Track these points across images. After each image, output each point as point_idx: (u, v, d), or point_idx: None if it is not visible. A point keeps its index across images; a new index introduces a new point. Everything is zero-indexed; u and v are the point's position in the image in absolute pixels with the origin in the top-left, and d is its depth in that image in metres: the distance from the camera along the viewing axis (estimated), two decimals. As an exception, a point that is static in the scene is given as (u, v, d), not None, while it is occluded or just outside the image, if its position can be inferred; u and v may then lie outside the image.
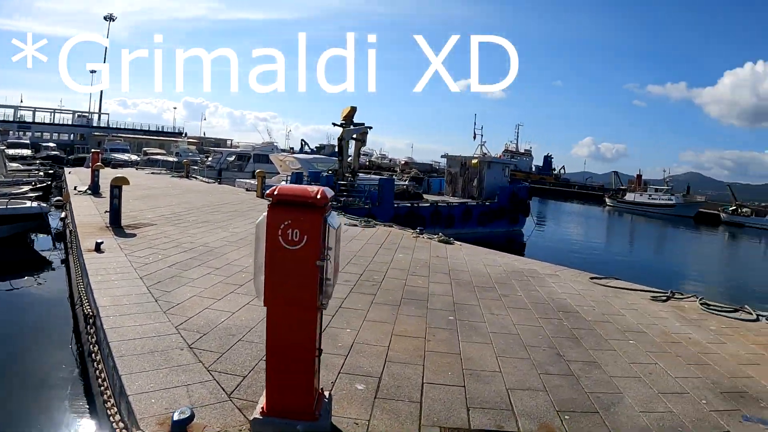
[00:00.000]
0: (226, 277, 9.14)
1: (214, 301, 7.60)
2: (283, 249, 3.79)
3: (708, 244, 53.72)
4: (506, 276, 10.73)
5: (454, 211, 31.33)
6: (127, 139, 77.96)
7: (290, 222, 3.77)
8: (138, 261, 9.81)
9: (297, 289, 3.87)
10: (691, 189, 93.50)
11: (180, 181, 32.83)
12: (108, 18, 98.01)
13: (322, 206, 3.82)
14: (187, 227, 14.30)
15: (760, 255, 49.56)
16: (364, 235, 14.86)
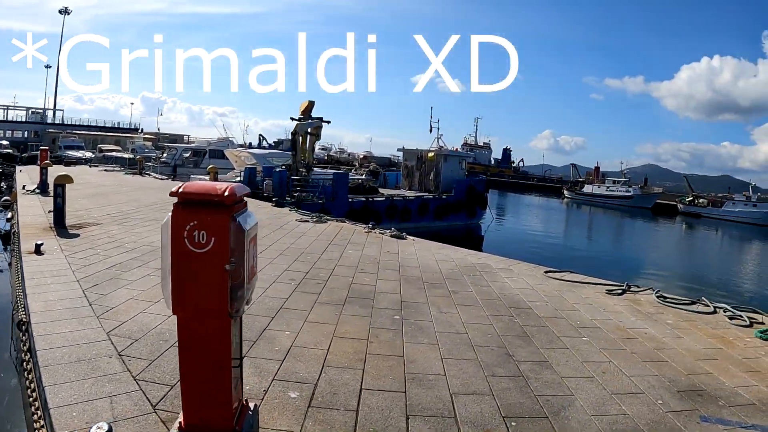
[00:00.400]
0: None
1: (150, 304, 7.14)
2: (189, 252, 3.39)
3: (665, 235, 54.38)
4: (458, 271, 10.40)
5: (410, 204, 31.10)
6: (82, 135, 76.54)
7: (196, 223, 3.38)
8: (77, 263, 9.31)
9: (205, 296, 3.46)
10: (648, 181, 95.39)
11: (133, 178, 32.03)
12: (63, 12, 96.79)
13: (231, 205, 3.43)
14: (133, 226, 13.74)
15: (716, 245, 50.38)
16: (314, 231, 14.44)
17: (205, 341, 3.55)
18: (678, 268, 31.27)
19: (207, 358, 3.58)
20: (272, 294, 7.95)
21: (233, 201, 3.44)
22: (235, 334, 3.75)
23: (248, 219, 3.72)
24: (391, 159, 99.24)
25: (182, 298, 3.49)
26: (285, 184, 25.37)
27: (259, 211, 17.90)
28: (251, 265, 3.80)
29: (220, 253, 3.37)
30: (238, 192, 3.52)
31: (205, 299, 3.47)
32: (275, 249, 11.47)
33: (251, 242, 3.74)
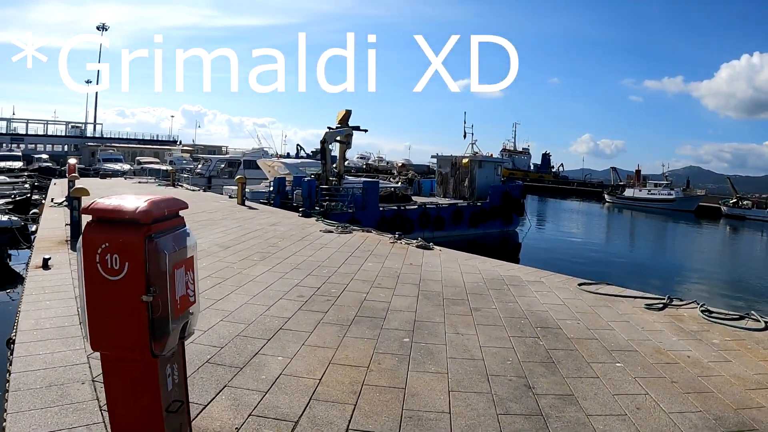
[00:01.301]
0: None
1: None
2: (103, 280, 2.76)
3: (709, 240, 52.71)
4: (483, 285, 9.65)
5: (443, 212, 30.32)
6: (121, 148, 77.74)
7: (107, 245, 2.74)
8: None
9: (122, 332, 2.84)
10: (690, 183, 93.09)
11: (165, 189, 31.85)
12: (101, 28, 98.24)
13: (147, 223, 2.80)
14: None
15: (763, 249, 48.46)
16: (337, 242, 13.79)
17: (129, 384, 2.94)
18: (724, 276, 29.81)
19: (135, 404, 2.97)
20: (275, 312, 7.33)
21: (151, 219, 2.81)
22: (170, 374, 3.09)
23: (176, 240, 3.04)
24: (429, 166, 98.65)
25: (99, 333, 2.87)
26: (313, 193, 24.78)
27: (284, 222, 17.38)
28: (183, 295, 3.13)
29: (135, 281, 2.74)
30: (158, 208, 2.87)
31: (122, 336, 2.85)
32: (290, 262, 10.86)
33: (182, 267, 3.08)
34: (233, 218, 18.08)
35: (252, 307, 7.55)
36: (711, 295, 20.88)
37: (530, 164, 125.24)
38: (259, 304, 7.75)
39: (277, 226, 16.36)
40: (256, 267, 10.32)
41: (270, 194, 27.97)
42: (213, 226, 15.88)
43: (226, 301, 7.83)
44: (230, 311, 7.32)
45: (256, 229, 15.48)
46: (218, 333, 6.42)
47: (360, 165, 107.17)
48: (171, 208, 3.16)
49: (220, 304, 7.66)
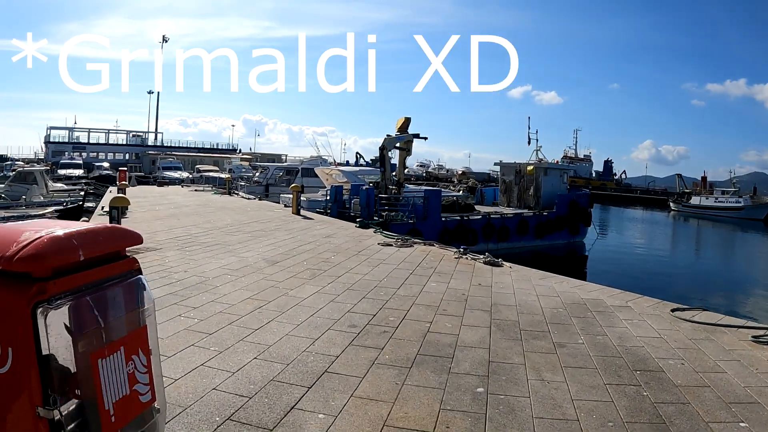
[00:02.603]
0: (196, 321, 7.14)
1: (163, 359, 5.53)
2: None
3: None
4: (564, 312, 8.38)
5: (508, 223, 28.87)
6: (181, 157, 79.01)
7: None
8: None
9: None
10: (757, 189, 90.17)
11: (220, 198, 31.39)
12: (163, 40, 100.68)
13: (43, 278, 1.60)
14: (193, 251, 12.52)
15: None
16: (396, 257, 12.64)
17: None
18: None
19: None
20: (320, 348, 6.22)
21: (49, 269, 1.61)
22: None
23: (111, 302, 1.85)
24: (489, 174, 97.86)
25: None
26: (372, 202, 23.64)
27: (340, 234, 16.31)
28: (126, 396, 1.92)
29: (23, 383, 1.56)
30: (65, 248, 1.67)
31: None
32: (344, 282, 9.75)
33: (122, 349, 1.88)
34: (286, 229, 17.10)
35: (294, 341, 6.45)
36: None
37: (592, 171, 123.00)
38: (303, 336, 6.65)
39: (332, 239, 15.29)
40: (305, 287, 9.24)
41: (326, 203, 26.92)
42: (263, 238, 14.92)
43: (264, 332, 6.75)
44: (267, 345, 6.24)
45: (310, 242, 14.43)
46: (249, 376, 5.33)
47: (420, 173, 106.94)
48: (99, 245, 1.93)
49: (256, 336, 6.59)
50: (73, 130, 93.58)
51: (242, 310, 7.67)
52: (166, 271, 10.25)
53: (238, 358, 5.79)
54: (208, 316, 7.37)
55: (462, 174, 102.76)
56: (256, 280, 9.64)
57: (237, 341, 6.38)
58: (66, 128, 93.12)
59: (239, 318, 7.33)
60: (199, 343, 6.28)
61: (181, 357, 5.83)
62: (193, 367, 5.55)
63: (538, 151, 40.10)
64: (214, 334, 6.60)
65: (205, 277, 9.78)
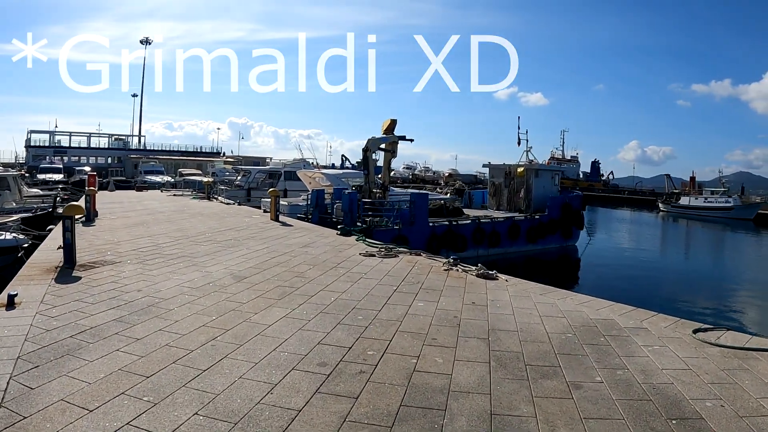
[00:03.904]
0: (136, 358, 5.95)
1: (83, 414, 4.45)
2: None
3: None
4: (574, 338, 7.15)
5: (498, 227, 27.68)
6: (163, 160, 77.83)
7: None
8: (43, 324, 7.04)
9: None
10: (744, 189, 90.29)
11: (199, 203, 30.05)
12: (144, 42, 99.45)
13: None
14: (154, 265, 11.30)
15: None
16: (379, 269, 11.38)
17: None
18: None
19: None
20: (280, 398, 5.01)
21: None
22: None
23: None
24: (476, 176, 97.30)
25: None
26: (355, 207, 22.25)
27: (319, 242, 15.04)
28: None
29: None
30: None
31: None
32: (317, 302, 8.48)
33: None
34: (261, 237, 15.80)
35: (248, 387, 5.22)
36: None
37: (579, 172, 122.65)
38: (261, 379, 5.40)
39: (309, 248, 14.00)
40: (272, 310, 7.98)
41: (307, 208, 25.56)
42: (235, 249, 13.65)
43: (213, 374, 5.51)
44: (214, 394, 5.01)
45: (284, 253, 13.15)
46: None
47: (406, 175, 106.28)
48: None
49: (203, 380, 5.36)
50: (54, 134, 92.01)
51: (193, 343, 6.43)
52: (118, 290, 9.04)
53: (174, 415, 4.58)
54: (151, 351, 6.15)
55: (449, 176, 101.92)
56: (216, 302, 8.40)
57: (178, 387, 5.15)
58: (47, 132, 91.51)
59: (187, 354, 6.08)
60: (132, 391, 5.07)
61: (105, 411, 4.65)
62: (116, 427, 4.33)
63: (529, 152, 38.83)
64: (152, 377, 5.38)
65: (159, 298, 8.55)
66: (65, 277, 9.93)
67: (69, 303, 8.12)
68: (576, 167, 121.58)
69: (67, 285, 9.33)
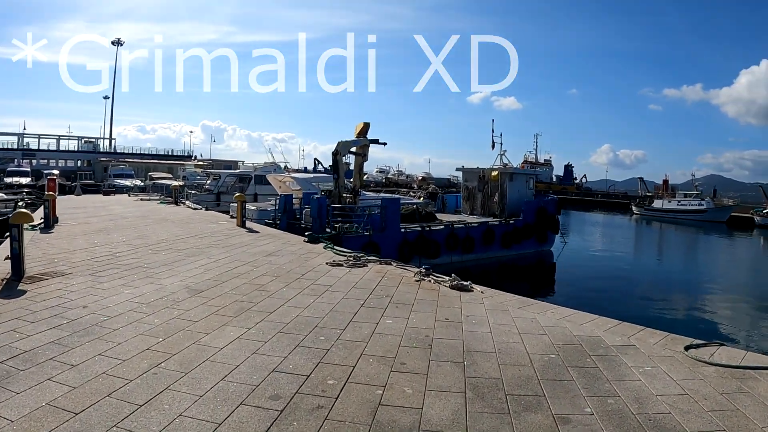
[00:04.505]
0: (67, 390, 5.22)
1: None
2: None
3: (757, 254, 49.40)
4: (557, 359, 6.48)
5: (472, 232, 26.98)
6: (133, 164, 76.88)
7: None
8: None
9: None
10: (717, 192, 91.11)
11: (166, 208, 29.18)
12: (116, 43, 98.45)
13: None
14: (107, 278, 10.48)
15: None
16: (346, 281, 10.65)
17: None
18: None
19: None
20: (223, 441, 4.25)
21: None
22: None
23: None
24: (450, 180, 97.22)
25: None
26: (324, 213, 21.38)
27: (284, 251, 14.29)
28: None
29: None
30: None
31: None
32: (276, 321, 7.73)
33: None
34: (225, 245, 14.99)
35: (188, 427, 4.51)
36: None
37: (552, 176, 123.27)
38: (203, 418, 4.67)
39: (274, 257, 13.23)
40: (225, 330, 7.22)
41: (275, 214, 24.74)
42: (195, 258, 12.86)
43: (150, 410, 4.79)
44: (145, 441, 4.26)
45: (247, 262, 12.37)
46: None
47: (379, 179, 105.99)
48: None
49: (137, 418, 4.65)
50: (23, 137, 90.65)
51: (133, 371, 5.67)
52: (63, 306, 8.25)
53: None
54: (86, 381, 5.41)
55: (422, 180, 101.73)
56: (166, 320, 7.62)
57: (108, 429, 4.41)
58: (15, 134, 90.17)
59: (125, 384, 5.33)
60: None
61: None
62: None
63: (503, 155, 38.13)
64: (81, 415, 4.65)
65: (105, 316, 7.76)
66: (9, 291, 9.17)
67: (7, 322, 7.36)
68: (549, 171, 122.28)
69: (9, 300, 8.56)
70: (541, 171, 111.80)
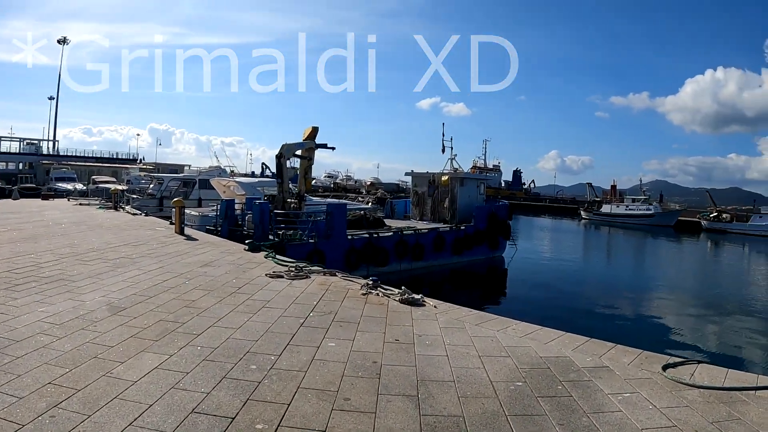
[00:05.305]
0: None
1: None
2: None
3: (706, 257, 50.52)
4: (525, 388, 5.63)
5: (422, 239, 26.20)
6: (77, 167, 74.63)
7: None
8: None
9: None
10: (663, 197, 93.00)
11: (103, 213, 27.68)
12: (61, 41, 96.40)
13: None
14: (23, 292, 9.38)
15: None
16: (286, 295, 9.66)
17: None
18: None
19: None
20: None
21: None
22: None
23: None
24: (399, 185, 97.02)
25: None
26: (267, 219, 20.23)
27: (222, 261, 13.26)
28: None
29: None
30: None
31: None
32: (202, 345, 6.71)
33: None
34: (159, 255, 13.87)
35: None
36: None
37: (501, 181, 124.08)
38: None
39: (209, 268, 12.17)
40: (143, 357, 6.19)
41: (217, 220, 23.58)
42: (124, 269, 11.74)
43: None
44: None
45: (180, 274, 11.30)
46: None
47: (328, 184, 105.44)
48: None
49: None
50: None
51: (27, 413, 4.66)
52: (-41, 329, 7.10)
53: None
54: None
55: (370, 185, 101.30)
56: (78, 345, 6.56)
57: None
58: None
59: (14, 432, 4.32)
60: None
61: None
62: None
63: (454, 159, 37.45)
64: None
65: (10, 340, 6.67)
66: None
67: None
68: (498, 176, 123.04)
69: None
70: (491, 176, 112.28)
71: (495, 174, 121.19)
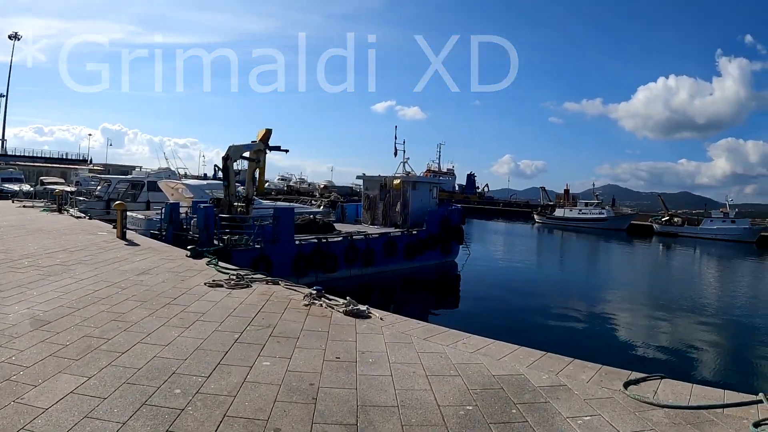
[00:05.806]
0: None
1: None
2: None
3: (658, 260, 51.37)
4: (476, 412, 5.15)
5: (373, 244, 25.64)
6: (25, 167, 72.57)
7: None
8: None
9: None
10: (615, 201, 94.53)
11: (46, 216, 26.64)
12: (13, 37, 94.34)
13: None
14: None
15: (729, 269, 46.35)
16: (223, 306, 9.05)
17: None
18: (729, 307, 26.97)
19: None
20: None
21: None
22: None
23: None
24: (352, 188, 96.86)
25: None
26: (211, 223, 19.49)
27: (161, 268, 12.60)
28: None
29: None
30: None
31: None
32: (125, 365, 6.08)
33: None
34: (95, 261, 13.12)
35: None
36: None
37: (455, 185, 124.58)
38: None
39: (146, 276, 11.48)
40: (59, 380, 5.55)
41: (161, 224, 22.69)
42: (56, 277, 11.00)
43: None
44: None
45: (113, 283, 10.59)
46: None
47: (281, 187, 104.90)
48: None
49: None
50: None
51: None
52: None
53: None
54: None
55: (324, 188, 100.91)
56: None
57: None
58: None
59: None
60: None
61: None
62: None
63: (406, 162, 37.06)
64: None
65: None
66: None
67: None
68: (452, 180, 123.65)
69: None
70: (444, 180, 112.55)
71: (449, 178, 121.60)
